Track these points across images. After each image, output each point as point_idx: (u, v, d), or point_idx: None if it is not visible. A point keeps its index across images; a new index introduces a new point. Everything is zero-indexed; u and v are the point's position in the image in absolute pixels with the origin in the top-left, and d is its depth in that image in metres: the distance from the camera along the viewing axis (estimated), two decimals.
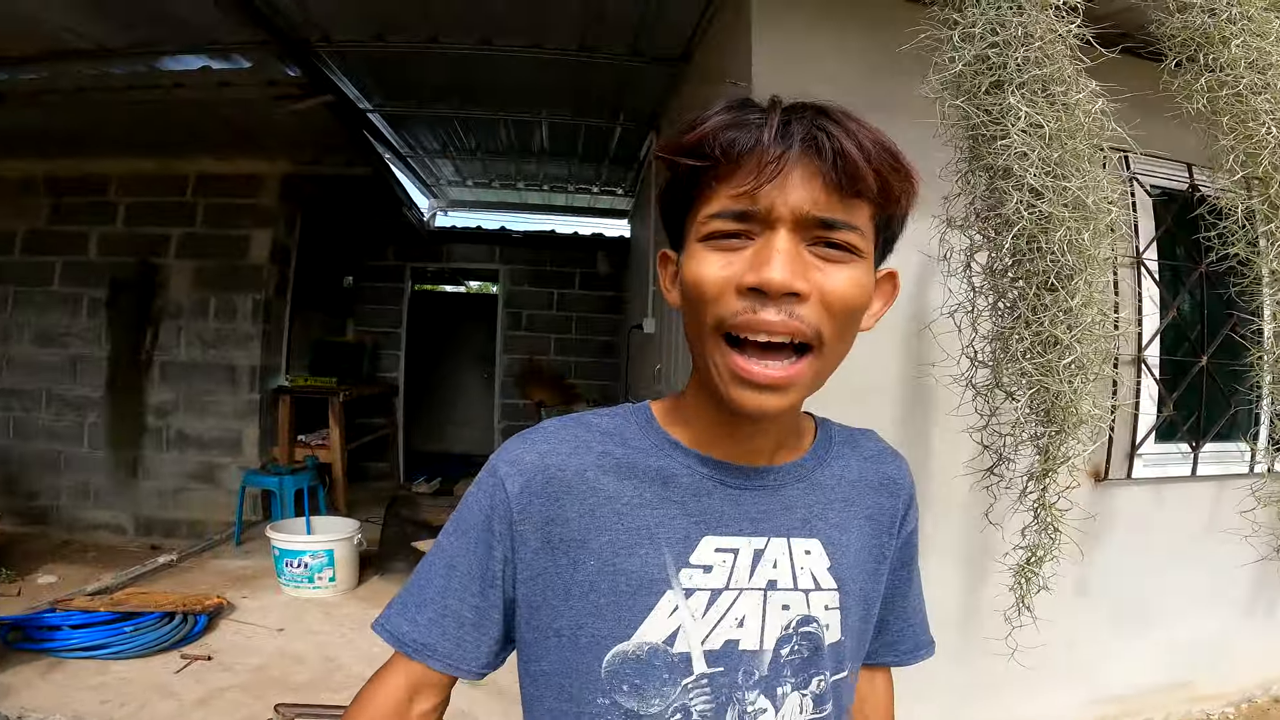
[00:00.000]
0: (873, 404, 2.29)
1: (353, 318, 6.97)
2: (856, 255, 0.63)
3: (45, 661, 2.82)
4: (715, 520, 0.70)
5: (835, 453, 0.78)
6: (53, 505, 5.05)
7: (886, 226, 0.67)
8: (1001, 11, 1.09)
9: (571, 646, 0.68)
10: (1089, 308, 1.08)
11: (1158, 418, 2.63)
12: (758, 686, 0.69)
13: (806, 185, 0.60)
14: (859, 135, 0.61)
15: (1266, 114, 1.15)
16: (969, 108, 1.12)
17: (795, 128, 0.61)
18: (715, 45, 2.90)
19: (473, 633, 0.71)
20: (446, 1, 2.99)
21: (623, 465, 0.70)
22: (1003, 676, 2.54)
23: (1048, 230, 1.06)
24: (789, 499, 0.73)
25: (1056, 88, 1.07)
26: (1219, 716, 2.93)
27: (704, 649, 0.67)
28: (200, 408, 5.05)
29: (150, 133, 4.51)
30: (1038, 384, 1.11)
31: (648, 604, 0.67)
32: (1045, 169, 1.05)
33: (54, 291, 5.08)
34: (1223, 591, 2.88)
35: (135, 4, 2.88)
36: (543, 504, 0.69)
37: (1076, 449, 1.17)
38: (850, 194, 0.61)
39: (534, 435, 0.73)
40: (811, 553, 0.72)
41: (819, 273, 0.61)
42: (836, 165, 0.60)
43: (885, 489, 0.79)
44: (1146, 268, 2.53)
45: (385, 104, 4.32)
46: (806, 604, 0.71)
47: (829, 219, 0.61)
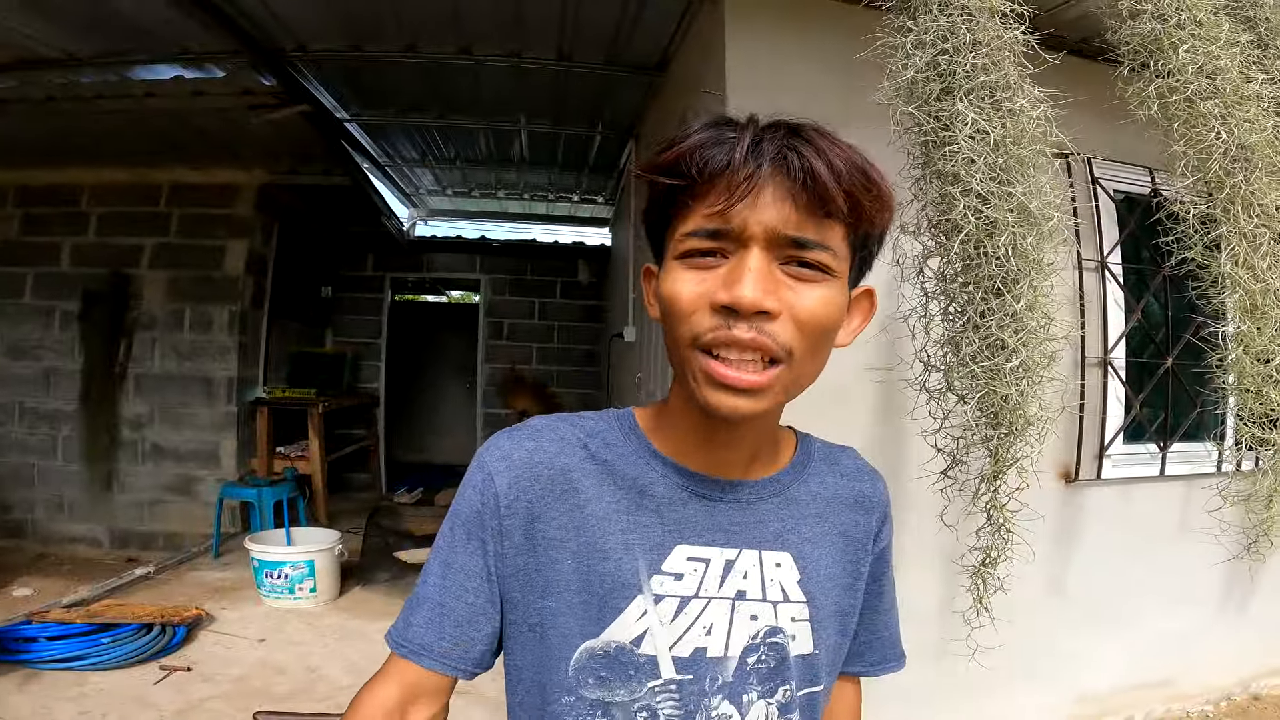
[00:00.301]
0: (853, 405, 2.34)
1: (331, 328, 6.93)
2: (829, 274, 0.64)
3: (21, 673, 2.79)
4: (689, 530, 0.72)
5: (813, 469, 0.80)
6: (27, 519, 4.97)
7: (863, 246, 0.68)
8: (952, 19, 1.11)
9: (543, 642, 0.70)
10: (1034, 312, 1.11)
11: (1125, 419, 2.67)
12: (722, 692, 0.71)
13: (778, 205, 0.61)
14: (830, 155, 0.62)
15: (1216, 119, 1.18)
16: (920, 114, 1.15)
17: (767, 147, 0.62)
18: (691, 54, 2.93)
19: (468, 630, 0.72)
20: (423, 10, 2.99)
21: (604, 469, 0.72)
22: (981, 677, 2.57)
23: (993, 235, 1.08)
24: (762, 513, 0.74)
25: (1003, 94, 1.10)
26: (1199, 714, 2.97)
27: (673, 655, 0.69)
28: (176, 420, 4.99)
29: (122, 142, 4.45)
30: (986, 387, 1.14)
31: (618, 606, 0.69)
32: (991, 175, 1.08)
33: (25, 304, 5.00)
34: (1196, 590, 2.93)
35: (101, 12, 2.85)
36: (529, 501, 0.71)
37: (1025, 450, 1.19)
38: (821, 214, 0.62)
39: (522, 431, 0.75)
40: (782, 565, 0.74)
41: (790, 291, 0.63)
42: (807, 185, 0.61)
43: (860, 506, 0.81)
44: (1110, 271, 2.58)
45: (363, 113, 4.30)
46: (774, 615, 0.73)
47: (801, 238, 0.62)
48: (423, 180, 6.02)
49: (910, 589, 2.34)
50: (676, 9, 2.81)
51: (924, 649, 2.45)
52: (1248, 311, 1.20)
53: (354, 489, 6.71)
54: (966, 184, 1.08)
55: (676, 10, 2.82)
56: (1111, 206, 2.61)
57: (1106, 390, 2.61)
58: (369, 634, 3.34)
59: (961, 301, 1.16)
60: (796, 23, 2.39)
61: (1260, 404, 1.24)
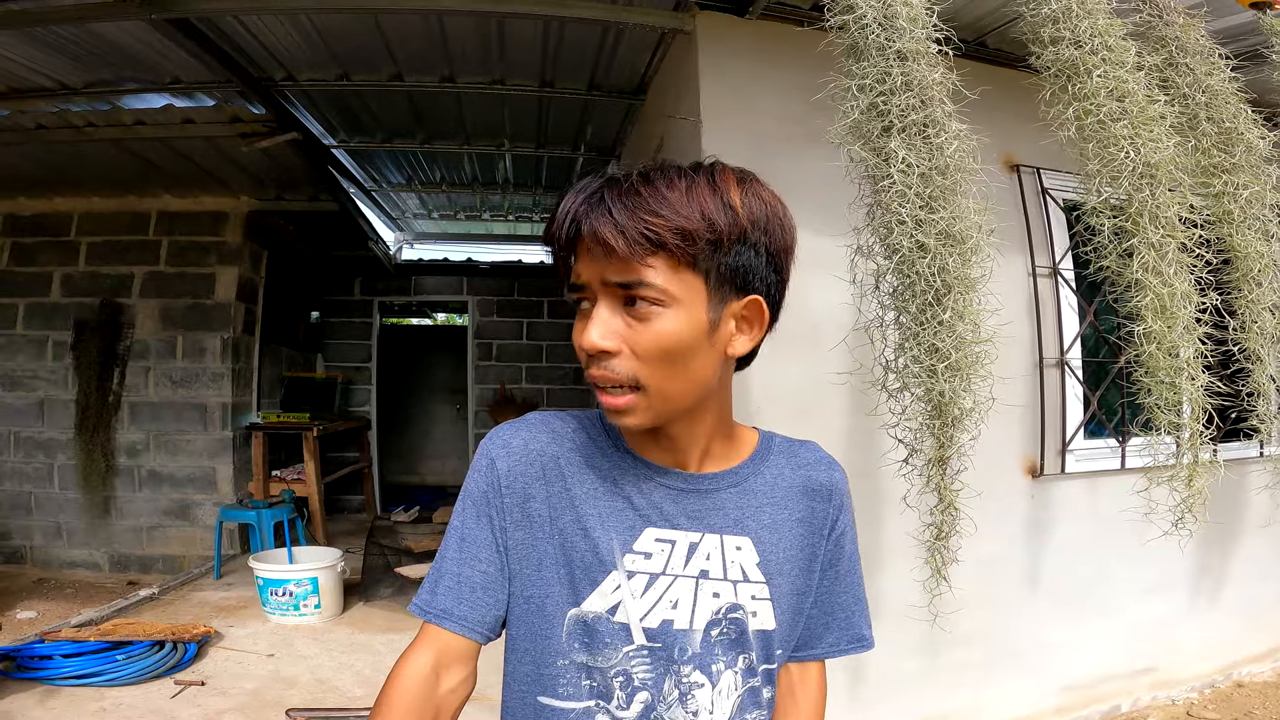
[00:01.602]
0: (834, 406, 2.47)
1: (321, 353, 6.98)
2: (665, 305, 0.72)
3: (40, 690, 2.86)
4: (657, 514, 0.82)
5: (771, 462, 0.89)
6: (25, 545, 5.02)
7: (712, 263, 0.73)
8: (889, 62, 1.26)
9: (539, 613, 0.80)
10: (962, 321, 1.25)
11: (1084, 415, 2.82)
12: (692, 661, 0.80)
13: (596, 260, 0.72)
14: (620, 202, 0.70)
15: (1125, 139, 1.33)
16: (865, 151, 1.29)
17: (581, 212, 0.72)
18: (667, 80, 3.06)
19: (484, 596, 0.81)
20: (409, 42, 3.11)
21: (586, 458, 0.83)
22: (965, 666, 2.70)
23: (924, 256, 1.23)
24: (722, 501, 0.84)
25: (930, 130, 1.25)
26: (1184, 701, 3.05)
27: (643, 625, 0.79)
28: (172, 447, 5.05)
29: (110, 169, 4.50)
30: (926, 384, 1.28)
31: (595, 579, 0.79)
32: (920, 203, 1.22)
33: (17, 335, 5.05)
34: (1169, 578, 3.03)
35: (94, 42, 2.94)
36: (524, 483, 0.82)
37: (963, 437, 1.34)
38: (632, 259, 0.70)
39: (520, 424, 0.86)
40: (742, 549, 0.83)
41: (630, 329, 0.73)
42: (599, 240, 0.70)
43: (818, 494, 0.89)
44: (1063, 277, 2.74)
45: (350, 140, 4.39)
46: (735, 593, 0.82)
47: (621, 282, 0.72)
48: (408, 204, 6.10)
49: (895, 580, 2.48)
50: (652, 38, 2.95)
51: (914, 640, 2.57)
52: (1158, 312, 1.35)
53: (349, 511, 6.77)
54: (900, 212, 1.23)
55: (652, 40, 2.97)
56: (1062, 215, 2.78)
57: (1065, 389, 2.77)
58: (375, 647, 3.44)
59: (904, 313, 1.30)
60: (766, 50, 2.53)
61: (1173, 394, 1.39)
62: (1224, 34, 2.12)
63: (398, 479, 7.84)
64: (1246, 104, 1.65)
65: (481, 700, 1.04)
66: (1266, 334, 1.55)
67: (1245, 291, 1.55)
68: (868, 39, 1.29)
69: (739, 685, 0.82)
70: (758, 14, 2.51)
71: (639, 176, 0.73)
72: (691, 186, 0.72)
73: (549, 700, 0.80)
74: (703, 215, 0.71)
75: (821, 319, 2.40)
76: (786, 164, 2.47)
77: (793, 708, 0.92)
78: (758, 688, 0.84)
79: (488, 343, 7.31)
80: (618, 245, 0.69)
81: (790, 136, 2.44)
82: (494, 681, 0.86)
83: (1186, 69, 1.56)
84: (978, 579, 2.67)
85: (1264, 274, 1.54)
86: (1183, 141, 1.42)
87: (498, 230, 6.96)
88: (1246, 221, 1.53)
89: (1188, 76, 1.56)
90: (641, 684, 0.79)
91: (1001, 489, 2.71)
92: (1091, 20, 1.38)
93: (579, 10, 2.65)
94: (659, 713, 0.79)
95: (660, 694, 0.80)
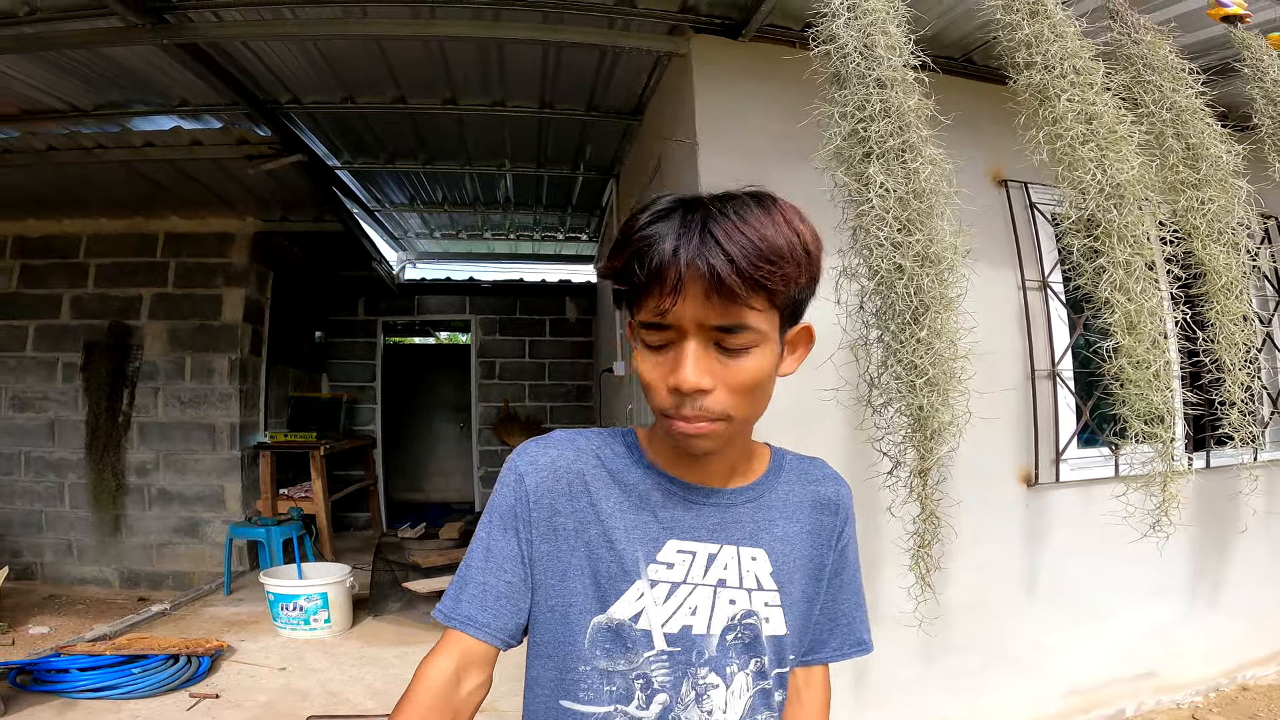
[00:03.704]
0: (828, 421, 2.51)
1: (327, 373, 7.05)
2: (756, 345, 0.75)
3: (58, 702, 2.90)
4: (679, 528, 0.86)
5: (784, 478, 0.93)
6: (36, 563, 5.08)
7: (790, 302, 0.78)
8: (868, 89, 1.32)
9: (564, 620, 0.84)
10: (939, 339, 1.31)
11: (1076, 425, 2.86)
12: (708, 664, 0.84)
13: (700, 301, 0.72)
14: (735, 246, 0.71)
15: (1092, 161, 1.39)
16: (847, 176, 1.36)
17: (683, 246, 0.72)
18: (663, 102, 3.13)
19: (506, 605, 0.84)
20: (413, 66, 3.20)
21: (611, 474, 0.87)
22: (967, 671, 2.73)
23: (901, 277, 1.29)
24: (739, 515, 0.88)
25: (908, 155, 1.31)
26: (1188, 705, 3.05)
27: (664, 630, 0.83)
28: (181, 466, 5.12)
29: (120, 192, 4.58)
30: (907, 399, 1.34)
31: (620, 589, 0.83)
32: (898, 226, 1.28)
33: (28, 356, 5.13)
34: (1168, 583, 3.05)
35: (106, 65, 3.02)
36: (551, 498, 0.85)
37: (942, 450, 1.39)
38: (736, 301, 0.72)
39: (547, 441, 0.90)
40: (757, 559, 0.88)
41: (723, 367, 0.75)
42: (716, 283, 0.70)
43: (826, 508, 0.94)
44: (1052, 289, 2.80)
45: (354, 161, 4.47)
46: (749, 601, 0.86)
47: (723, 325, 0.73)
48: (411, 224, 6.18)
49: (896, 587, 2.51)
50: (648, 61, 3.03)
51: (916, 645, 2.59)
52: (1126, 329, 1.41)
53: (355, 528, 6.82)
54: (879, 236, 1.29)
55: (648, 62, 3.05)
56: (1050, 229, 2.83)
57: (1057, 400, 2.81)
58: (385, 660, 3.48)
59: (885, 331, 1.36)
60: (760, 71, 2.58)
61: (1145, 405, 1.45)
62: (1194, 48, 2.17)
63: (403, 496, 7.88)
64: (1214, 119, 1.71)
65: (489, 711, 1.08)
66: (1238, 345, 1.61)
67: (1216, 304, 1.61)
68: (849, 67, 1.36)
69: (750, 686, 0.86)
70: (750, 36, 2.58)
71: (733, 212, 0.73)
72: (778, 226, 0.74)
73: (571, 704, 0.83)
74: (794, 259, 0.73)
75: (819, 336, 2.44)
76: (781, 183, 2.49)
77: (799, 710, 0.96)
78: (769, 690, 0.88)
79: (490, 361, 7.34)
80: (737, 289, 0.71)
81: (784, 155, 2.48)
82: (503, 691, 0.90)
83: (1154, 86, 1.62)
84: (976, 586, 2.71)
85: (1233, 286, 1.60)
86: (1149, 160, 1.48)
87: (499, 249, 7.03)
88: (1214, 236, 1.59)
89: (1155, 94, 1.62)
90: (660, 686, 0.83)
91: (997, 498, 2.75)
92: (1061, 43, 1.44)
93: (576, 35, 2.73)
94: (676, 713, 0.83)
95: (678, 695, 0.83)
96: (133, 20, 2.51)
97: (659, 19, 2.63)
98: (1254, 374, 1.68)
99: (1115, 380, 1.49)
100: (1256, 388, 1.73)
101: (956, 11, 2.45)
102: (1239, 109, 1.98)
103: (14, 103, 3.34)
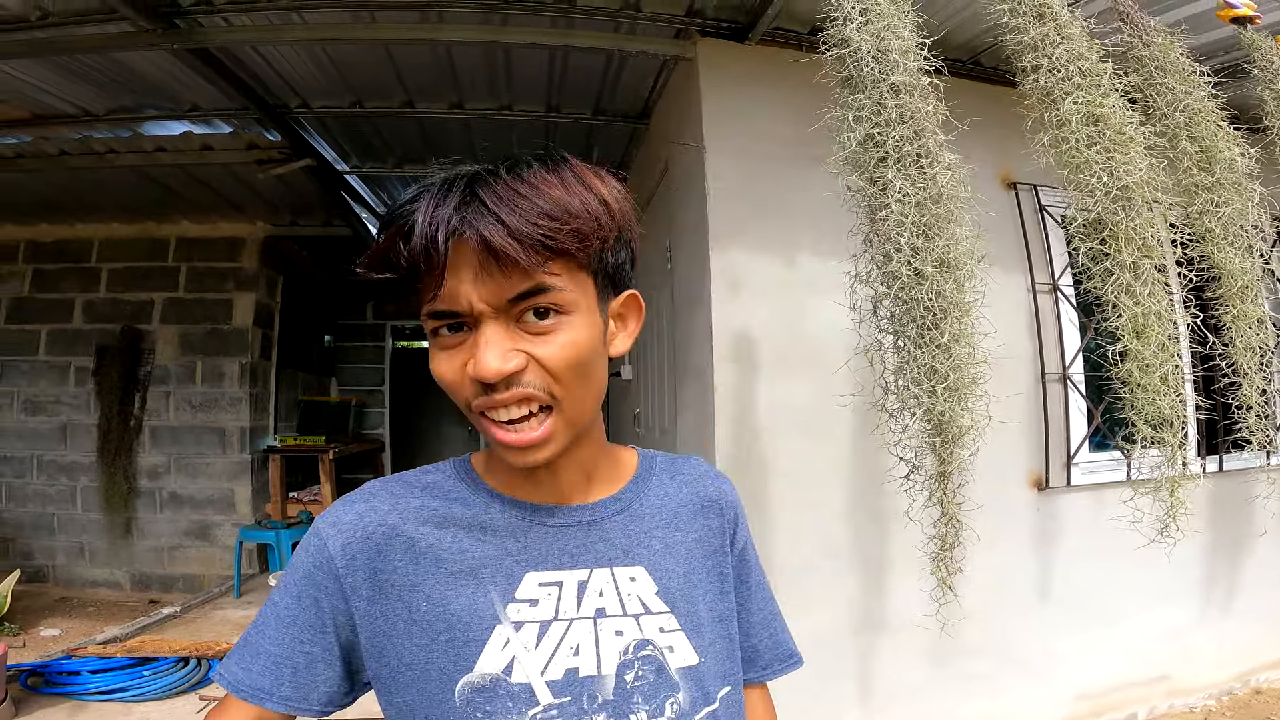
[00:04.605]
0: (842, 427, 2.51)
1: (336, 377, 7.08)
2: (568, 313, 0.66)
3: (69, 705, 2.92)
4: (535, 557, 0.73)
5: (655, 482, 0.82)
6: (47, 565, 5.11)
7: (600, 262, 0.69)
8: (883, 94, 1.32)
9: (425, 679, 0.70)
10: (959, 344, 1.31)
11: (1087, 429, 2.85)
12: (604, 710, 0.69)
13: (481, 276, 0.63)
14: (506, 207, 0.62)
15: (1098, 164, 1.38)
16: (863, 181, 1.35)
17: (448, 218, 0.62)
18: (670, 105, 3.13)
19: (307, 675, 0.73)
20: (419, 71, 3.21)
21: (440, 516, 0.74)
22: (976, 676, 2.72)
23: (921, 283, 1.29)
24: (606, 531, 0.76)
25: (924, 160, 1.30)
26: (1201, 709, 3.04)
27: (545, 679, 0.69)
28: (192, 469, 5.14)
29: (131, 196, 4.61)
30: (926, 404, 1.34)
31: (481, 638, 0.70)
32: (917, 231, 1.28)
33: (40, 360, 5.16)
34: (1180, 587, 3.04)
35: (118, 70, 3.04)
36: (366, 557, 0.72)
37: (962, 454, 1.39)
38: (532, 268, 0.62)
39: (353, 497, 0.77)
40: (637, 579, 0.75)
41: (530, 343, 0.65)
42: (488, 250, 0.61)
43: (710, 510, 0.83)
44: (1062, 293, 2.78)
45: (362, 165, 4.48)
46: (639, 628, 0.73)
47: (515, 296, 0.63)
48: None
49: (899, 596, 2.51)
50: (655, 65, 3.03)
51: (922, 651, 2.59)
52: (1133, 333, 1.40)
53: None
54: (898, 241, 1.29)
55: (655, 66, 3.05)
56: (1060, 232, 2.82)
57: (1068, 403, 2.80)
58: None
59: (903, 336, 1.36)
60: (768, 75, 2.59)
61: (1153, 409, 1.44)
62: (1204, 49, 2.16)
63: None
64: (1226, 121, 1.70)
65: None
66: (1254, 348, 1.60)
67: (1232, 308, 1.60)
68: (862, 72, 1.35)
69: None
70: (757, 39, 2.58)
71: (509, 173, 0.65)
72: (566, 184, 0.65)
73: None
74: (589, 214, 0.65)
75: (826, 342, 2.45)
76: (791, 187, 2.53)
77: None
78: None
79: None
80: (518, 255, 0.61)
81: (794, 158, 2.50)
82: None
83: (1166, 88, 1.61)
84: (985, 590, 2.69)
85: (1249, 290, 1.59)
86: (1158, 162, 1.47)
87: None
88: (1228, 238, 1.58)
89: (1167, 96, 1.61)
90: None
91: (1007, 503, 2.74)
92: (1067, 45, 1.43)
93: (583, 39, 2.74)
94: None
95: None
96: (143, 25, 2.53)
97: (665, 23, 2.64)
98: (1269, 377, 1.68)
99: (1123, 384, 1.49)
100: (1272, 391, 1.72)
101: (964, 14, 2.45)
102: (1249, 111, 1.97)
103: (26, 107, 3.36)
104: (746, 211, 2.54)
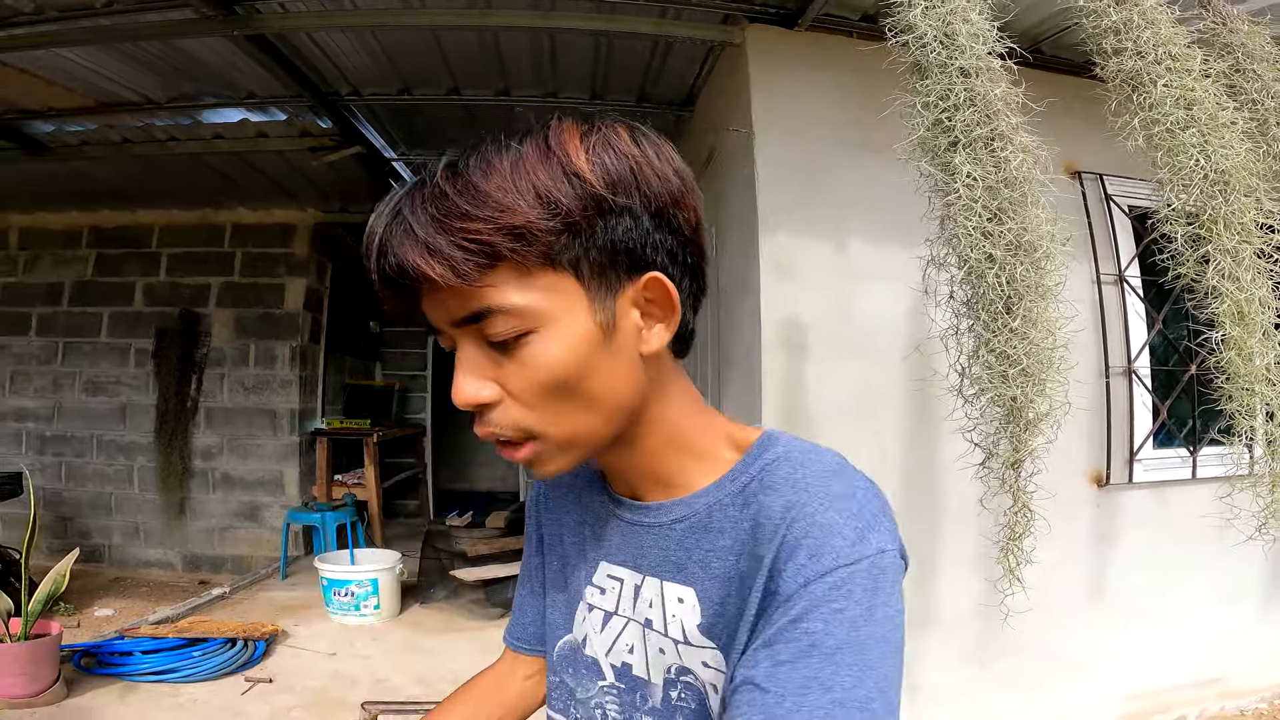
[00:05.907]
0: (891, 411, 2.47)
1: (380, 361, 7.18)
2: (530, 330, 0.55)
3: (120, 685, 2.99)
4: (609, 548, 0.71)
5: (750, 490, 0.61)
6: (104, 544, 5.27)
7: (585, 249, 0.55)
8: (951, 79, 1.27)
9: (547, 625, 0.80)
10: (1035, 328, 1.26)
11: (1153, 425, 2.75)
12: (652, 715, 0.65)
13: (430, 300, 0.56)
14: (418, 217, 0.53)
15: (1194, 147, 1.31)
16: (932, 167, 1.31)
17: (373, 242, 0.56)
18: (716, 92, 3.10)
19: (528, 614, 0.86)
20: (468, 58, 3.22)
21: (582, 486, 0.78)
22: (1025, 674, 2.66)
23: (993, 267, 1.24)
24: (665, 539, 0.65)
25: (996, 144, 1.25)
26: (1253, 712, 2.97)
27: (609, 662, 0.69)
28: (243, 451, 5.26)
29: (190, 184, 4.72)
30: (999, 390, 1.29)
31: (573, 608, 0.75)
32: (988, 215, 1.23)
33: (102, 342, 5.31)
34: (1238, 588, 2.95)
35: (179, 58, 3.11)
36: (542, 512, 0.82)
37: (1037, 441, 1.35)
38: (463, 284, 0.53)
39: None
40: (684, 601, 0.63)
41: (502, 371, 0.57)
42: (410, 274, 0.53)
43: (762, 534, 0.57)
44: (1129, 284, 2.68)
45: (409, 153, 4.53)
46: (679, 655, 0.63)
47: (467, 316, 0.55)
48: None
49: (947, 592, 2.45)
50: (700, 51, 3.00)
51: (964, 649, 2.54)
52: (1236, 319, 1.33)
53: (404, 515, 6.93)
54: (966, 225, 1.24)
55: (700, 52, 3.01)
56: (1127, 222, 2.71)
57: (1133, 398, 2.70)
58: (431, 648, 3.52)
59: (976, 321, 1.32)
60: (819, 60, 2.55)
61: (1254, 400, 1.37)
62: None
63: (449, 485, 7.98)
64: None
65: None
66: None
67: None
68: (929, 57, 1.31)
69: None
70: (807, 25, 2.53)
71: (445, 171, 0.56)
72: (517, 164, 0.54)
73: (548, 710, 0.78)
74: (536, 197, 0.53)
75: (875, 327, 2.41)
76: (844, 171, 2.49)
77: None
78: None
79: None
80: (434, 273, 0.52)
81: (846, 143, 2.45)
82: None
83: (1254, 75, 1.53)
84: (1039, 587, 2.62)
85: None
86: (1255, 147, 1.40)
87: None
88: None
89: (1256, 82, 1.52)
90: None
91: (1064, 498, 2.65)
92: (1154, 30, 1.37)
93: (629, 24, 2.71)
94: None
95: None
96: (204, 11, 2.58)
97: (713, 8, 2.61)
98: None
99: (1221, 374, 1.41)
100: None
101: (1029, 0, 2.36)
102: None
103: (91, 95, 3.44)
104: (795, 196, 2.50)
